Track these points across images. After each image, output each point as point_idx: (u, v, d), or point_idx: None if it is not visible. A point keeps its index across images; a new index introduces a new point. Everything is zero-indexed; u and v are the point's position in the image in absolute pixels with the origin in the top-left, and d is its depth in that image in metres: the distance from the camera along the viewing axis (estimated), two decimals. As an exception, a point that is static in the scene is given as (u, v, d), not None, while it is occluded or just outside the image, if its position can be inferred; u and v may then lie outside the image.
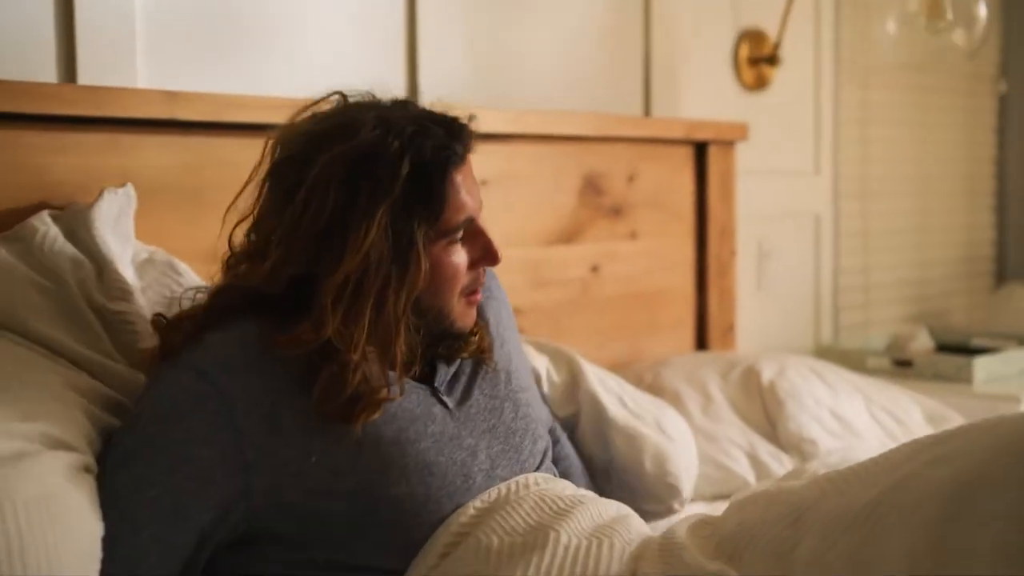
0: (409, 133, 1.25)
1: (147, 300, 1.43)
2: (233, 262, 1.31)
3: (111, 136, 1.56)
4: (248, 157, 1.31)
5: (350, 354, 1.20)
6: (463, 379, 1.38)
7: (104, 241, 1.43)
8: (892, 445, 2.15)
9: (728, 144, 2.54)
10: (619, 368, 2.27)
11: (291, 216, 1.23)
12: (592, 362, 1.92)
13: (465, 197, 1.29)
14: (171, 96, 1.60)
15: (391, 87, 1.33)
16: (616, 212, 2.34)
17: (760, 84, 2.82)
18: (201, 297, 1.30)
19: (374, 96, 1.32)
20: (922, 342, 2.82)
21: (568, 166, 2.25)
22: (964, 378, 2.62)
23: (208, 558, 1.19)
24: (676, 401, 2.08)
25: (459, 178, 1.29)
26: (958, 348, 2.93)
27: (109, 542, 1.09)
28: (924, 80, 3.36)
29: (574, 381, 1.84)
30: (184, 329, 1.25)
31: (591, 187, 2.29)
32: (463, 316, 1.34)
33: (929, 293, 3.45)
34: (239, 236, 1.31)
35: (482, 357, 1.40)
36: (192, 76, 1.76)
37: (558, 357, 1.87)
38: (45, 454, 1.09)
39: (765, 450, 2.02)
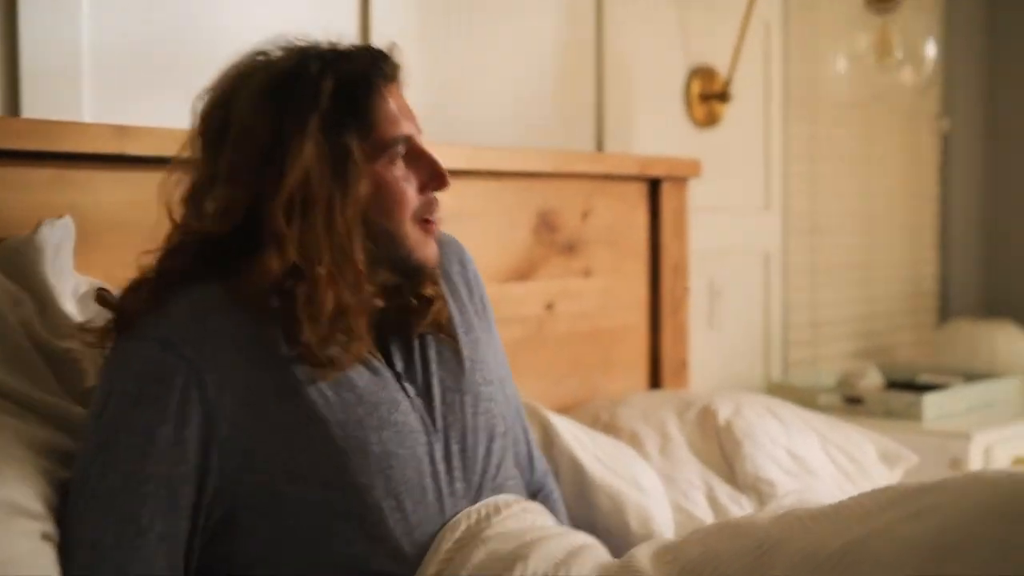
0: (328, 56, 1.26)
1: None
2: (177, 226, 1.28)
3: (59, 172, 1.51)
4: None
5: (317, 268, 1.20)
6: (418, 364, 1.34)
7: (44, 276, 1.38)
8: (847, 484, 2.17)
9: (681, 180, 2.53)
10: (574, 407, 2.24)
11: (227, 155, 1.23)
12: (547, 401, 1.90)
13: (396, 111, 1.28)
14: (121, 130, 1.56)
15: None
16: (570, 249, 2.32)
17: (711, 121, 2.82)
18: (149, 260, 1.27)
19: None
20: (872, 379, 2.83)
21: (522, 203, 2.23)
22: (914, 415, 2.63)
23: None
24: (634, 441, 2.05)
25: (387, 94, 1.28)
26: (906, 384, 2.94)
27: (110, 552, 1.08)
28: (870, 117, 3.39)
29: (548, 439, 1.81)
30: (141, 297, 1.22)
31: (545, 224, 2.26)
32: (420, 244, 1.31)
33: (875, 329, 3.47)
34: (178, 208, 1.29)
35: (440, 334, 1.37)
36: (142, 110, 1.72)
37: (528, 414, 1.84)
38: (2, 523, 1.04)
39: (723, 492, 2.00)
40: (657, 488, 1.86)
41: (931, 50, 2.57)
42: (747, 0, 2.74)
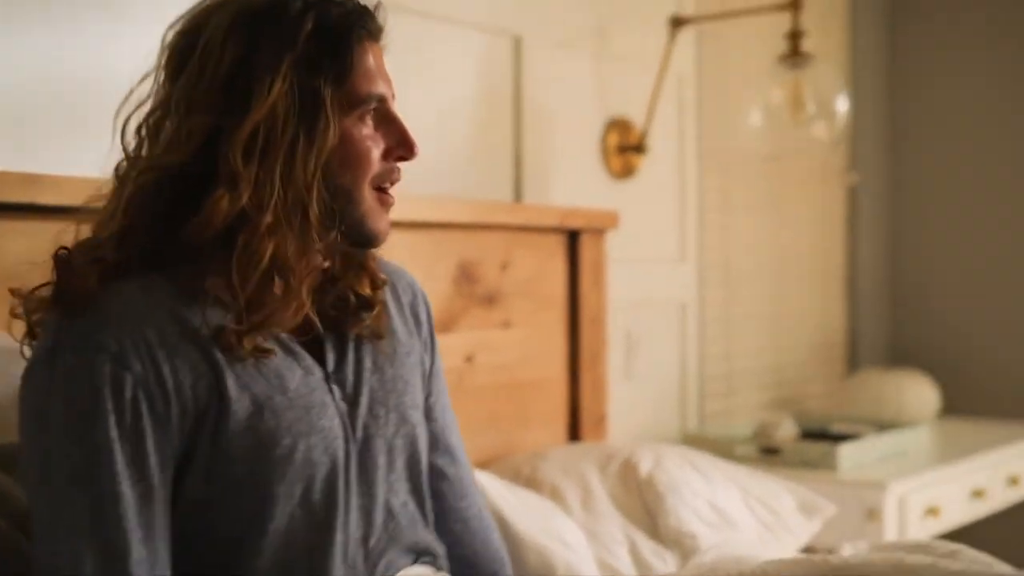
0: (312, 0, 1.19)
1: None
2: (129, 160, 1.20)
3: (-37, 221, 1.45)
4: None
5: (262, 216, 1.13)
6: (350, 367, 1.28)
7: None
8: (767, 535, 2.17)
9: (600, 232, 2.53)
10: (494, 460, 2.21)
11: (188, 78, 1.16)
12: (468, 454, 1.86)
13: (375, 69, 1.22)
14: (31, 179, 1.50)
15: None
16: (490, 300, 2.30)
17: (627, 172, 2.84)
18: (97, 201, 1.20)
19: None
20: (787, 429, 2.84)
21: (441, 254, 2.20)
22: (830, 465, 2.65)
23: None
24: (556, 495, 2.03)
25: (368, 50, 1.22)
26: (819, 434, 2.96)
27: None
28: (781, 170, 3.44)
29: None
30: (97, 271, 1.14)
31: (465, 275, 2.24)
32: (375, 213, 1.24)
33: (786, 379, 3.50)
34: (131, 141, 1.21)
35: (376, 341, 1.31)
36: (53, 158, 1.66)
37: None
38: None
39: (647, 547, 1.99)
40: (582, 544, 1.84)
41: (843, 105, 2.61)
42: (663, 53, 2.78)
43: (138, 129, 1.20)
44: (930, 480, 2.68)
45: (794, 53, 2.63)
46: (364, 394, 1.27)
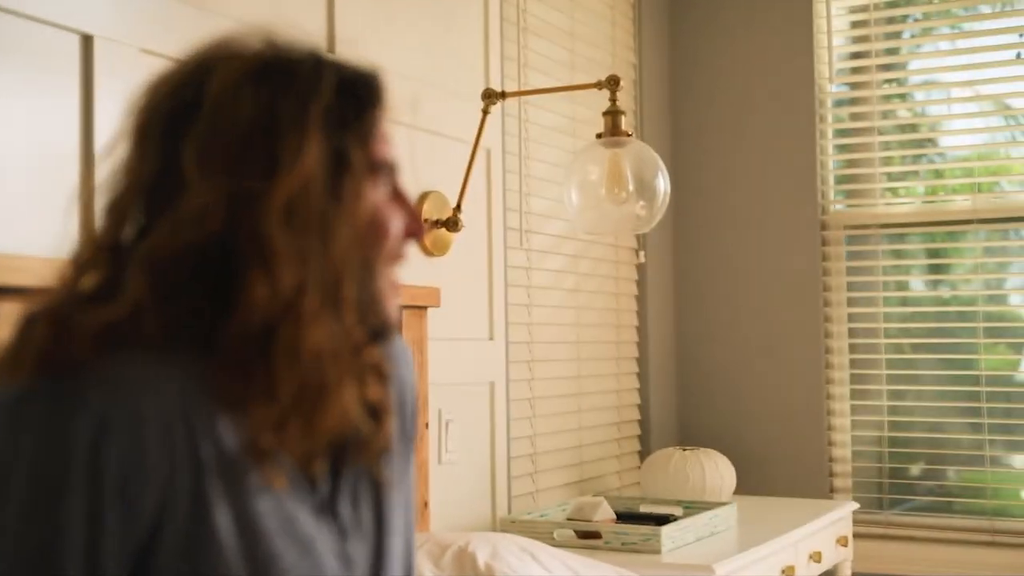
0: (322, 55, 1.03)
1: None
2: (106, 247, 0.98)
3: None
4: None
5: (304, 299, 0.94)
6: (346, 496, 1.08)
7: None
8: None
9: (422, 310, 2.42)
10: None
11: (196, 140, 0.96)
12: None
13: (389, 136, 1.06)
14: None
15: None
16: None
17: (441, 249, 2.75)
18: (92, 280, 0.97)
19: None
20: (605, 512, 2.79)
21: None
22: (653, 548, 2.60)
23: None
24: (399, 593, 1.88)
25: (383, 114, 1.05)
26: (631, 516, 2.92)
27: None
28: (582, 248, 3.43)
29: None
30: (86, 342, 0.92)
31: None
32: (389, 295, 1.05)
33: (587, 459, 3.46)
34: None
35: (373, 466, 1.10)
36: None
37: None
38: None
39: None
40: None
41: (662, 184, 2.61)
42: (476, 128, 2.72)
43: (118, 202, 1.00)
44: (746, 560, 2.68)
45: (613, 131, 2.61)
46: (353, 529, 1.07)
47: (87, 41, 1.86)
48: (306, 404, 0.97)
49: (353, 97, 1.02)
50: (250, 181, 0.95)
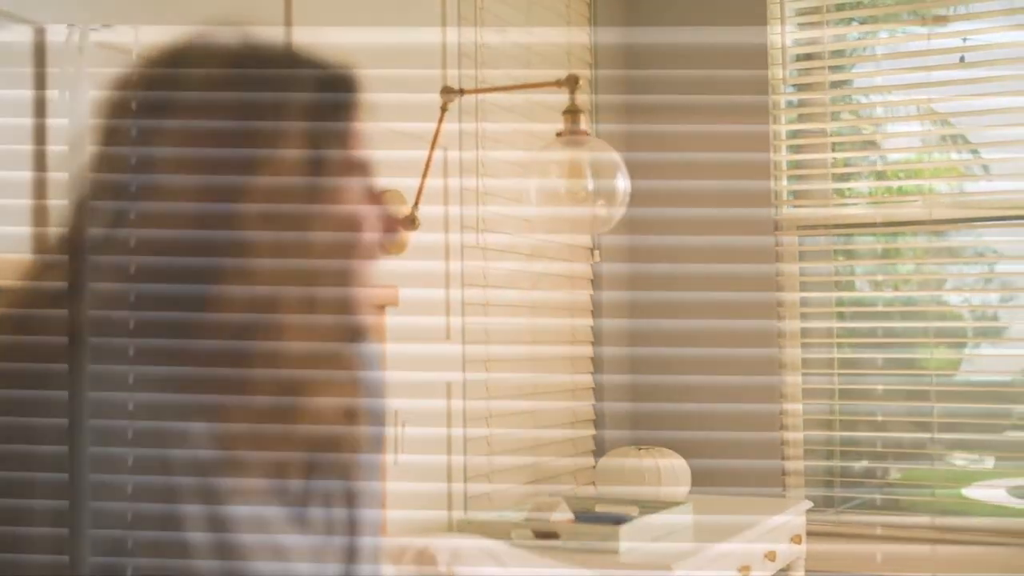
0: (298, 57, 1.01)
1: None
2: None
3: None
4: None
5: (280, 306, 0.92)
6: (319, 499, 1.04)
7: None
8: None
9: (379, 308, 2.40)
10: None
11: (168, 136, 0.93)
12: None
13: (367, 137, 1.04)
14: None
15: None
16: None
17: (398, 247, 2.72)
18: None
19: None
20: (563, 512, 2.77)
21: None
22: (611, 548, 2.59)
23: None
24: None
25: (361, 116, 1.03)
26: (587, 516, 2.91)
27: None
28: (538, 248, 3.42)
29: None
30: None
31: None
32: (362, 294, 1.03)
33: (542, 460, 3.45)
34: None
35: (346, 468, 1.06)
36: None
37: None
38: None
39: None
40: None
41: (622, 184, 2.60)
42: (435, 124, 2.69)
43: (88, 199, 0.97)
44: (703, 560, 2.68)
45: (572, 130, 2.60)
46: (334, 531, 1.05)
47: (40, 32, 1.82)
48: (281, 406, 0.94)
49: (329, 96, 1.00)
50: (225, 179, 0.93)
